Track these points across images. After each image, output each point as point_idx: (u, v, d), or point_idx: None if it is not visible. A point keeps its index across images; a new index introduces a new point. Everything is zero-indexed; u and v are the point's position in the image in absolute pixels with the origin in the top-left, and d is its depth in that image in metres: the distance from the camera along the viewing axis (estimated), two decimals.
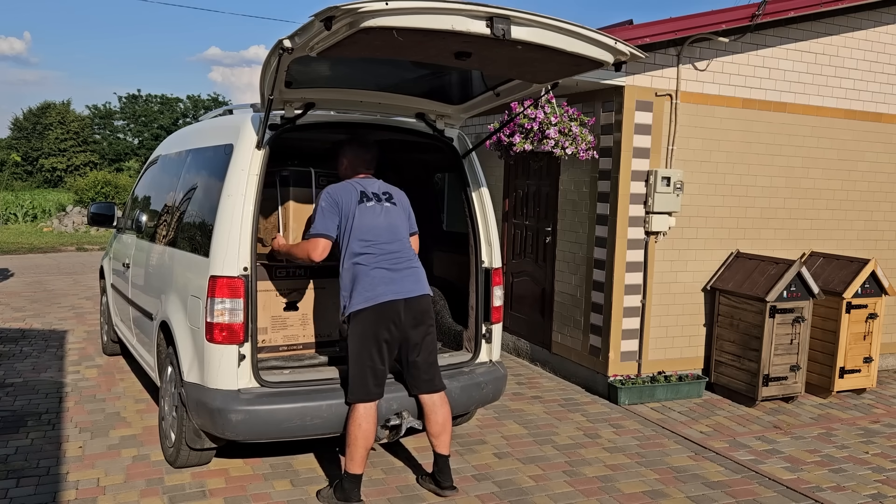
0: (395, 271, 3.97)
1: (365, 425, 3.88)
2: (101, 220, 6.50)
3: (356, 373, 3.90)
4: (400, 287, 3.95)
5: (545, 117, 5.78)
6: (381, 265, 3.94)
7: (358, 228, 3.95)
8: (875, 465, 4.88)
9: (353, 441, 3.89)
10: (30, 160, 49.72)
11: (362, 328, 3.89)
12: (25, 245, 17.37)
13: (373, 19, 2.88)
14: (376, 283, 3.90)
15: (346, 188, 4.06)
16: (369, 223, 3.98)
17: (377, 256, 3.95)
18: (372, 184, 4.16)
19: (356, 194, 4.04)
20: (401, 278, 3.97)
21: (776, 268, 5.96)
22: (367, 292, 3.88)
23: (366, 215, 3.99)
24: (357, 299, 3.89)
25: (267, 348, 4.44)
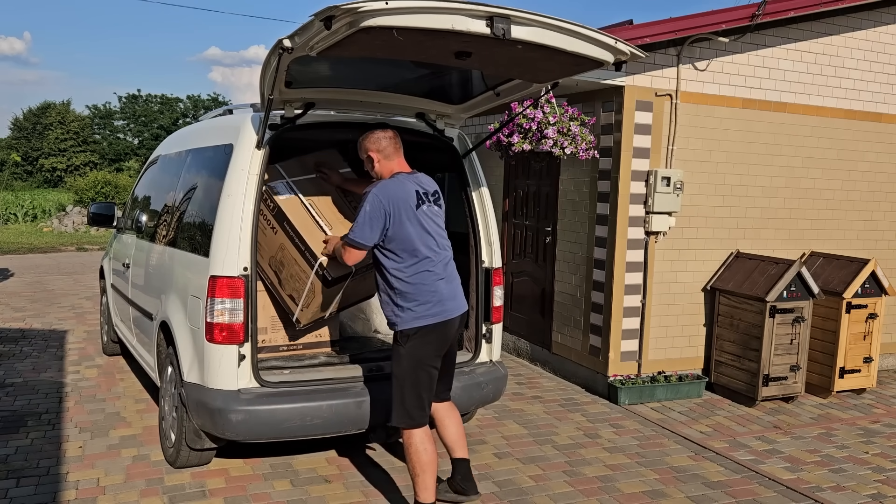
0: (452, 283, 3.74)
1: (430, 447, 3.62)
2: (101, 220, 6.50)
3: (416, 394, 3.61)
4: (459, 302, 3.75)
5: (544, 117, 5.78)
6: (442, 276, 3.66)
7: (419, 236, 3.60)
8: (875, 465, 4.88)
9: (423, 468, 3.60)
10: (30, 160, 49.73)
11: (426, 346, 3.61)
12: (25, 245, 17.37)
13: (373, 19, 2.88)
14: (444, 298, 3.63)
15: (400, 188, 3.62)
16: (430, 229, 3.67)
17: (437, 265, 3.65)
18: (424, 181, 3.79)
19: (413, 197, 3.63)
20: (457, 291, 3.75)
21: (776, 268, 5.96)
22: (435, 307, 3.60)
23: (426, 221, 3.65)
24: (424, 314, 3.58)
25: (267, 348, 4.44)
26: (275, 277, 4.35)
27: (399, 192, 3.60)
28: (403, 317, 3.60)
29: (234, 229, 3.91)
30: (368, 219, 3.54)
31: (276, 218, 4.25)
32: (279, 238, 4.25)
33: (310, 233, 4.18)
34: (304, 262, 4.16)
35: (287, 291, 4.31)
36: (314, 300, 4.22)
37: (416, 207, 3.62)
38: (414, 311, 3.58)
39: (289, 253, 4.22)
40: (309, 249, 4.13)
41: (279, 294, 4.38)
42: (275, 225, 4.26)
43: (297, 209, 4.26)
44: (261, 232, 4.25)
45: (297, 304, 4.26)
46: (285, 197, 4.27)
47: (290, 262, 4.25)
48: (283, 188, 4.30)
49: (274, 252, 4.30)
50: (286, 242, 4.22)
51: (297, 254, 4.18)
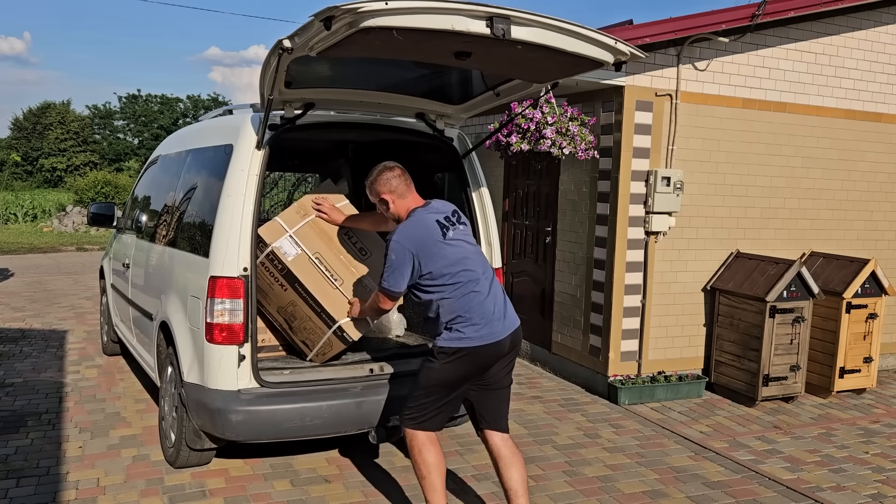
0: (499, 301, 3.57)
1: (435, 448, 3.56)
2: (101, 220, 6.50)
3: (435, 407, 3.53)
4: (510, 320, 3.57)
5: (542, 117, 5.78)
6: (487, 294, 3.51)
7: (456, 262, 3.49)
8: (875, 465, 4.88)
9: (429, 469, 3.52)
10: (30, 160, 49.72)
11: (462, 367, 3.48)
12: (25, 245, 17.37)
13: (372, 19, 2.88)
14: (492, 319, 3.48)
15: (420, 227, 3.52)
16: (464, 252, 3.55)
17: (481, 283, 3.51)
18: (439, 208, 3.66)
19: (436, 229, 3.52)
20: (506, 309, 3.59)
21: (776, 268, 5.96)
22: (483, 329, 3.45)
23: (457, 245, 3.54)
24: (471, 335, 3.44)
25: (267, 348, 4.43)
26: (286, 324, 4.33)
27: (420, 232, 3.50)
28: (448, 335, 3.48)
29: (234, 230, 3.91)
30: (397, 266, 3.46)
31: (286, 278, 4.16)
32: (289, 295, 4.19)
33: (324, 294, 4.11)
34: (321, 321, 4.13)
35: (300, 338, 4.31)
36: (331, 352, 4.25)
37: (443, 237, 3.51)
38: (462, 332, 3.45)
39: (301, 310, 4.18)
40: (326, 312, 4.10)
41: (290, 337, 4.38)
42: (284, 284, 4.18)
43: (306, 268, 4.16)
44: (266, 283, 4.21)
45: (311, 350, 4.29)
46: (293, 257, 4.17)
47: (302, 316, 4.20)
48: (289, 245, 4.20)
49: (284, 304, 4.25)
50: (298, 300, 4.17)
51: (310, 312, 4.15)
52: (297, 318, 4.26)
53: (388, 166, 3.70)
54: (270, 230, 4.25)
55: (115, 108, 57.63)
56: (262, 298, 4.28)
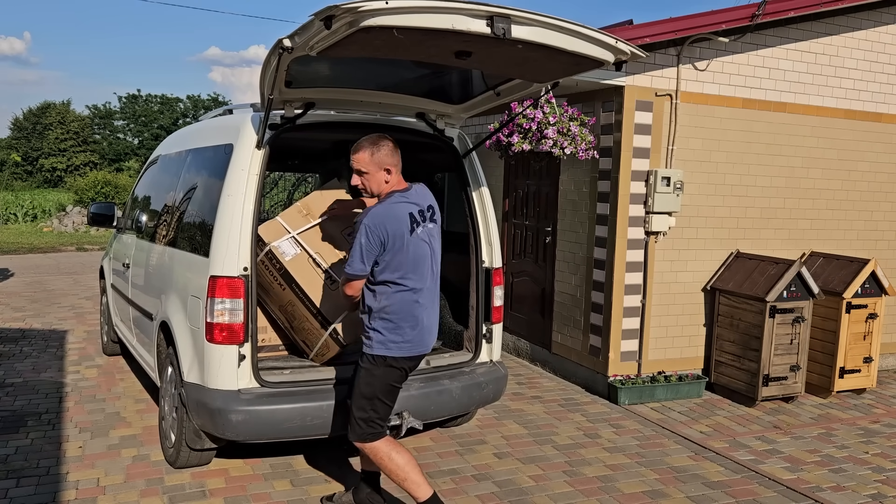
0: (433, 316, 3.62)
1: (396, 453, 3.53)
2: (102, 220, 6.49)
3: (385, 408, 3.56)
4: (433, 337, 3.65)
5: (543, 117, 5.78)
6: (426, 307, 3.54)
7: (410, 264, 3.47)
8: (875, 465, 4.88)
9: (406, 470, 3.50)
10: (30, 160, 49.73)
11: (397, 373, 3.54)
12: (25, 245, 17.37)
13: (373, 18, 2.88)
14: (424, 333, 3.54)
15: (395, 215, 3.44)
16: (421, 255, 3.52)
17: (424, 294, 3.53)
18: (418, 196, 3.59)
19: (407, 221, 3.46)
20: (435, 325, 3.65)
21: (776, 268, 5.96)
22: (415, 339, 3.50)
23: (418, 247, 3.51)
24: (402, 343, 3.49)
25: (267, 348, 4.44)
26: (286, 322, 4.38)
27: (392, 222, 3.42)
28: (378, 341, 3.48)
29: (234, 229, 3.91)
30: (366, 251, 3.39)
31: (284, 278, 4.17)
32: (287, 295, 4.22)
33: (320, 295, 4.12)
34: (316, 322, 4.16)
35: (300, 337, 4.37)
36: (328, 353, 4.29)
37: (410, 233, 3.46)
38: (395, 338, 3.47)
39: (299, 310, 4.20)
40: (321, 314, 4.14)
41: (292, 335, 4.43)
42: (282, 283, 4.21)
43: (304, 269, 4.14)
44: (266, 281, 4.28)
45: (311, 350, 4.34)
46: (291, 257, 4.16)
47: (300, 317, 4.21)
48: (288, 245, 4.20)
49: (284, 304, 4.31)
50: (295, 301, 4.19)
51: (307, 314, 4.17)
52: (296, 318, 4.30)
53: (389, 137, 3.62)
54: (270, 230, 4.26)
55: (115, 108, 57.68)
56: (265, 296, 4.37)
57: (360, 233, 3.40)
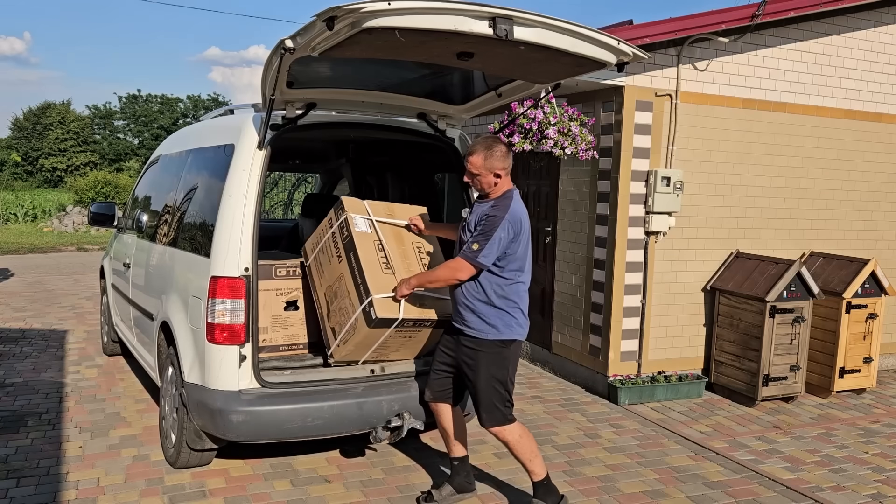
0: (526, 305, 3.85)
1: (527, 434, 3.80)
2: (102, 219, 6.50)
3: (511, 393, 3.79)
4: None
5: (544, 117, 5.78)
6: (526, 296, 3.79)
7: (525, 257, 3.70)
8: (875, 465, 4.88)
9: (533, 451, 3.77)
10: (30, 160, 49.71)
11: (518, 354, 3.81)
12: (25, 245, 17.36)
13: (375, 19, 2.88)
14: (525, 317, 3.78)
15: (524, 212, 3.67)
16: (528, 251, 3.75)
17: (527, 284, 3.79)
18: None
19: (528, 220, 3.72)
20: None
21: (776, 268, 5.96)
22: (525, 325, 3.77)
23: (528, 244, 3.74)
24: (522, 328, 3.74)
25: (267, 348, 4.44)
26: (325, 308, 4.24)
27: (524, 217, 3.64)
28: (505, 325, 3.66)
29: (235, 230, 3.91)
30: (501, 242, 3.53)
31: (346, 247, 4.11)
32: (341, 267, 4.13)
33: (372, 270, 4.03)
34: (356, 295, 4.03)
35: (331, 324, 4.21)
36: (353, 337, 4.09)
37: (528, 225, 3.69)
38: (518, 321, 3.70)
39: (345, 284, 4.10)
40: (364, 284, 3.99)
41: (324, 325, 4.27)
42: (341, 254, 4.13)
43: (368, 245, 4.12)
44: (325, 259, 4.20)
45: (335, 338, 4.18)
46: (362, 230, 4.16)
47: (343, 293, 4.11)
48: (364, 223, 4.19)
49: (332, 281, 4.19)
50: (346, 273, 4.09)
51: (352, 286, 4.05)
52: (337, 296, 4.13)
53: (502, 141, 3.70)
54: (352, 204, 4.23)
55: (115, 108, 57.64)
56: (316, 278, 4.25)
57: (500, 227, 3.51)
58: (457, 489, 4.03)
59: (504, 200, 3.61)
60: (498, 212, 3.55)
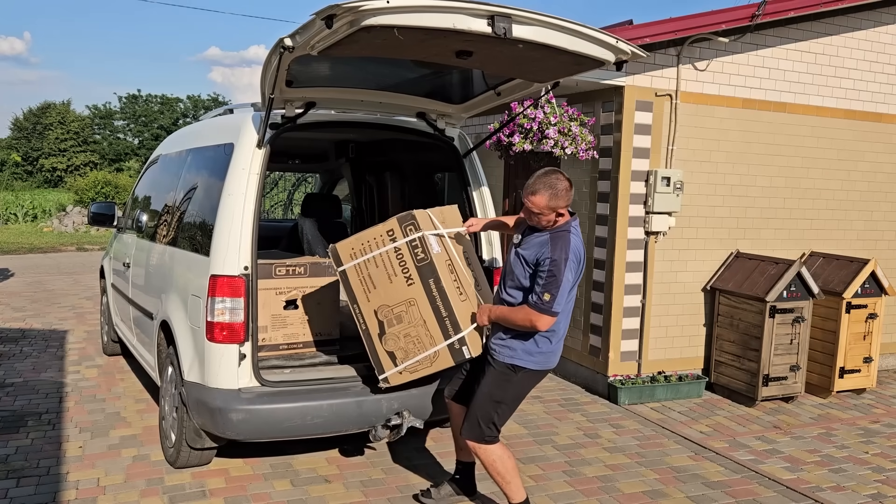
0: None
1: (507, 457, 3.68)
2: (102, 219, 6.50)
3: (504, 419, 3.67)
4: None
5: (545, 117, 5.78)
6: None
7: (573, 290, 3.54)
8: (875, 465, 4.88)
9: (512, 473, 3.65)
10: (30, 160, 49.72)
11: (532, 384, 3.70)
12: (25, 245, 17.36)
13: (374, 18, 2.88)
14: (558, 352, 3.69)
15: (581, 241, 3.52)
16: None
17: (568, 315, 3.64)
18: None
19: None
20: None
21: (776, 268, 5.96)
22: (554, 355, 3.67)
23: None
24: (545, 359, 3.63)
25: (267, 347, 4.43)
26: (377, 328, 3.82)
27: (581, 245, 3.50)
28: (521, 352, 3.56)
29: (234, 228, 3.91)
30: (569, 284, 3.39)
31: (422, 272, 3.68)
32: (412, 292, 3.72)
33: (455, 300, 3.70)
34: (438, 327, 3.69)
35: (389, 347, 3.81)
36: (426, 369, 3.78)
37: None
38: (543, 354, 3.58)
39: (418, 311, 3.72)
40: (452, 317, 3.67)
41: (374, 345, 3.85)
42: (413, 277, 3.70)
43: (445, 269, 3.74)
44: (382, 275, 3.76)
45: (395, 365, 3.82)
46: (437, 251, 3.75)
47: (414, 320, 3.73)
48: (435, 242, 3.75)
49: (395, 304, 3.75)
50: (421, 300, 3.70)
51: (430, 316, 3.69)
52: (402, 321, 3.74)
53: (564, 175, 3.51)
54: (424, 218, 3.78)
55: (115, 108, 57.68)
56: (359, 290, 3.82)
57: (566, 269, 3.35)
58: (456, 491, 4.03)
59: (562, 236, 3.44)
60: (558, 253, 3.37)
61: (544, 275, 3.37)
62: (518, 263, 3.53)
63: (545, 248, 3.41)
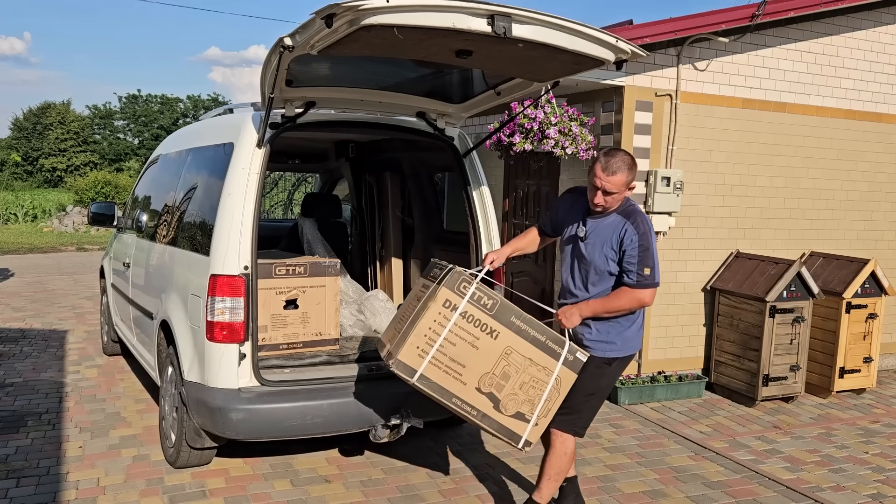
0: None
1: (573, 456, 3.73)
2: (102, 219, 6.50)
3: (595, 409, 3.69)
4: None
5: (545, 117, 5.78)
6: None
7: None
8: (875, 465, 4.88)
9: (562, 472, 3.70)
10: (30, 160, 49.74)
11: (623, 370, 3.72)
12: (25, 245, 17.36)
13: (374, 17, 2.88)
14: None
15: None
16: None
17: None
18: None
19: None
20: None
21: (776, 268, 5.96)
22: (641, 336, 3.69)
23: None
24: (639, 341, 3.66)
25: (267, 346, 4.43)
26: (487, 402, 3.38)
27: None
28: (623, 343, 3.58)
29: (234, 228, 3.91)
30: (656, 253, 3.48)
31: (499, 317, 3.36)
32: (503, 342, 3.37)
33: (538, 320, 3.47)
34: (546, 356, 3.41)
35: (511, 410, 3.42)
36: (554, 403, 3.47)
37: None
38: (635, 339, 3.61)
39: (519, 356, 3.39)
40: (548, 333, 3.42)
41: (493, 420, 3.40)
42: (495, 328, 3.36)
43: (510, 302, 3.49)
44: (464, 351, 3.33)
45: (528, 421, 3.44)
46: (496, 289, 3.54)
47: (520, 367, 3.40)
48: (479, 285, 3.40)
49: (490, 367, 3.36)
50: (516, 343, 3.38)
51: (533, 350, 3.40)
52: (510, 376, 3.40)
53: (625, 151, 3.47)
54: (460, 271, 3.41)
55: (115, 108, 57.71)
56: (451, 384, 3.32)
57: (650, 239, 3.42)
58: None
59: (633, 209, 3.50)
60: (642, 227, 3.43)
61: (636, 251, 3.40)
62: (597, 253, 3.51)
63: (624, 227, 3.44)
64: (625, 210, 3.52)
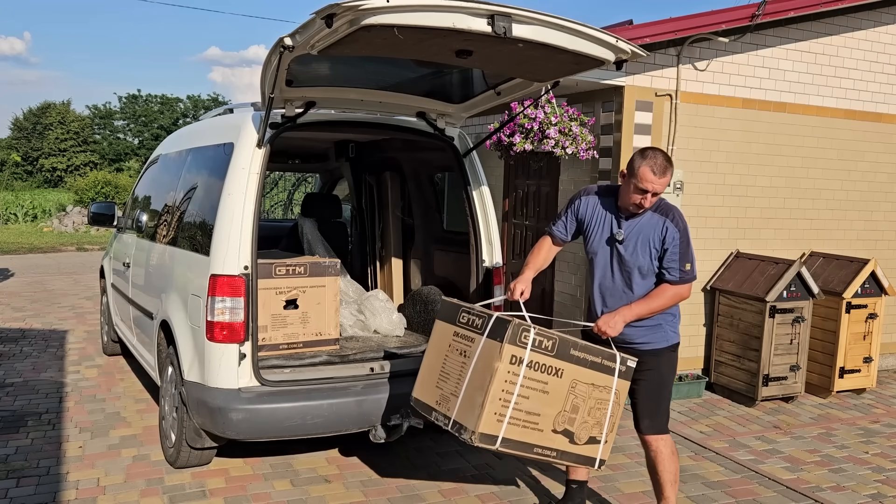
0: None
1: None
2: (102, 219, 6.50)
3: (670, 398, 3.66)
4: None
5: (545, 117, 5.78)
6: None
7: None
8: (875, 465, 4.88)
9: (677, 470, 3.64)
10: (30, 160, 49.73)
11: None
12: (25, 245, 17.37)
13: (374, 17, 2.88)
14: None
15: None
16: None
17: None
18: None
19: None
20: None
21: (776, 268, 5.96)
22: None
23: None
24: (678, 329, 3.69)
25: (267, 346, 4.43)
26: (563, 439, 3.37)
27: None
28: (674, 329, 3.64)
29: (234, 228, 3.91)
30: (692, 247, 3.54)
31: (560, 355, 3.26)
32: (568, 378, 3.30)
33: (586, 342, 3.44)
34: (605, 375, 3.38)
35: (584, 438, 3.42)
36: (616, 416, 3.47)
37: None
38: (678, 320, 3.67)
39: (583, 385, 3.35)
40: (604, 353, 3.39)
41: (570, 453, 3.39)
42: (559, 368, 3.28)
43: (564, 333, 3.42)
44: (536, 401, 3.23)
45: (599, 442, 3.44)
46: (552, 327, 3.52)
47: (586, 395, 3.37)
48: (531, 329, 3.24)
49: (561, 405, 3.31)
50: (580, 374, 3.33)
51: (594, 375, 3.36)
52: (579, 406, 3.36)
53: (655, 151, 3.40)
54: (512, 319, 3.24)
55: (115, 108, 57.70)
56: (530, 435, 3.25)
57: (689, 236, 3.49)
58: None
59: (668, 206, 3.51)
60: (681, 223, 3.48)
61: (678, 247, 3.44)
62: (639, 254, 3.48)
63: (664, 225, 3.44)
64: (659, 207, 3.50)
